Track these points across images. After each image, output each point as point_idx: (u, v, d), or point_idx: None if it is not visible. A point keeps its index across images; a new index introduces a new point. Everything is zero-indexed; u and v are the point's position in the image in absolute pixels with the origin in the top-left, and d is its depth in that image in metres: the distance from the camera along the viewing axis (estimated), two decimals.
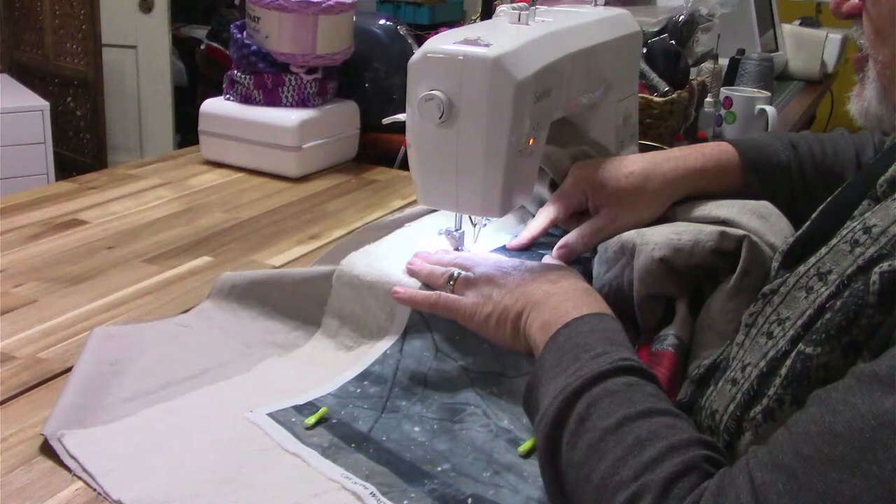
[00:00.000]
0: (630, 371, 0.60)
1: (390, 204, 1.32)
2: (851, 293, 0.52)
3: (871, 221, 0.56)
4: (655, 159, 0.90)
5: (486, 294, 0.75)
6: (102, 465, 0.65)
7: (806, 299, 0.57)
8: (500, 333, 0.74)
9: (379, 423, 0.73)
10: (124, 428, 0.70)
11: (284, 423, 0.72)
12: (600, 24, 0.96)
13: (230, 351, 0.83)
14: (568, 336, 0.66)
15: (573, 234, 0.87)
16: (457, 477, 0.66)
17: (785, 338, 0.57)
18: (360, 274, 0.84)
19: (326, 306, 0.86)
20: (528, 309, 0.72)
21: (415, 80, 0.76)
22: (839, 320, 0.52)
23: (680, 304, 0.77)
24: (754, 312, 0.63)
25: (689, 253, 0.75)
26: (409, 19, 3.51)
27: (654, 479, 0.51)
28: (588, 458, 0.56)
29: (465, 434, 0.71)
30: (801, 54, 2.62)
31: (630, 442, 0.54)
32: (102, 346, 0.81)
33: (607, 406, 0.57)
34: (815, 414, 0.47)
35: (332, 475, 0.66)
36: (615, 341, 0.64)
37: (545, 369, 0.65)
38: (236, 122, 1.44)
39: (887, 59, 0.59)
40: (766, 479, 0.47)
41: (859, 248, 0.55)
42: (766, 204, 0.83)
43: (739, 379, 0.59)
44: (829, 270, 0.56)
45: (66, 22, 3.15)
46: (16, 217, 1.18)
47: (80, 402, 0.72)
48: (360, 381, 0.77)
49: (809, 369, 0.53)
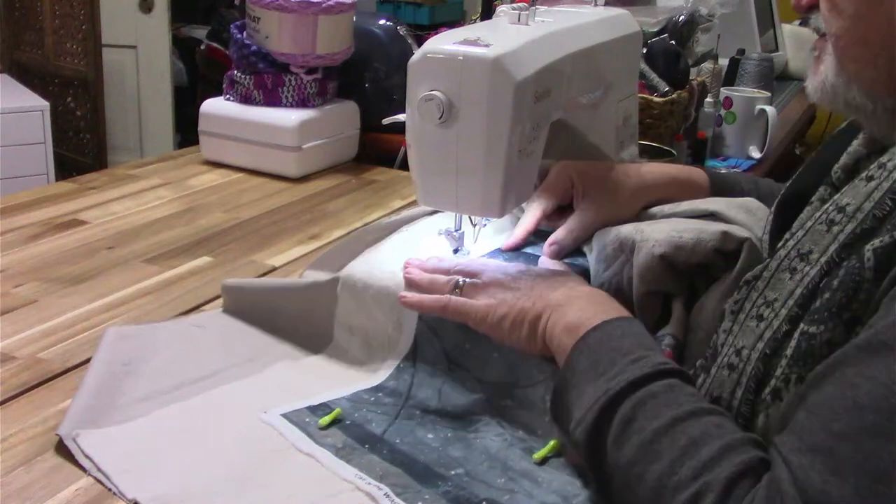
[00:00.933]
0: (670, 374, 0.61)
1: (390, 204, 1.32)
2: (848, 271, 0.54)
3: (843, 201, 0.59)
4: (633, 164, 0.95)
5: (498, 297, 0.75)
6: (117, 464, 0.66)
7: (791, 279, 0.59)
8: (514, 335, 0.73)
9: (393, 426, 0.73)
10: (138, 428, 0.71)
11: (298, 423, 0.72)
12: (600, 24, 0.96)
13: (243, 352, 0.84)
14: (600, 339, 0.66)
15: (561, 230, 0.88)
16: (470, 481, 0.66)
17: (778, 318, 0.58)
18: (361, 286, 0.83)
19: (335, 318, 0.85)
20: (549, 311, 0.71)
21: (415, 81, 0.76)
22: (839, 298, 0.54)
23: (676, 303, 0.77)
24: (739, 300, 0.64)
25: (690, 251, 0.75)
26: (409, 19, 3.51)
27: (715, 479, 0.52)
28: (639, 458, 0.57)
29: (479, 442, 0.71)
30: (801, 54, 2.62)
31: (684, 442, 0.55)
32: (116, 346, 0.82)
33: (654, 408, 0.59)
34: (835, 392, 0.49)
35: (346, 476, 0.66)
36: (648, 345, 0.65)
37: (577, 372, 0.65)
38: (236, 122, 1.44)
39: (841, 29, 0.60)
40: (803, 462, 0.48)
41: (836, 226, 0.58)
42: (751, 200, 0.85)
43: (737, 363, 0.60)
44: (810, 251, 0.59)
45: (66, 22, 3.15)
46: (16, 217, 1.18)
47: (94, 402, 0.73)
48: (375, 392, 0.77)
49: (814, 347, 0.54)
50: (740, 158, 1.72)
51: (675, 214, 0.85)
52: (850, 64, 0.61)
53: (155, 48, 3.38)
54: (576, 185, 0.90)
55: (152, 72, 3.41)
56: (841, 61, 0.61)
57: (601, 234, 0.85)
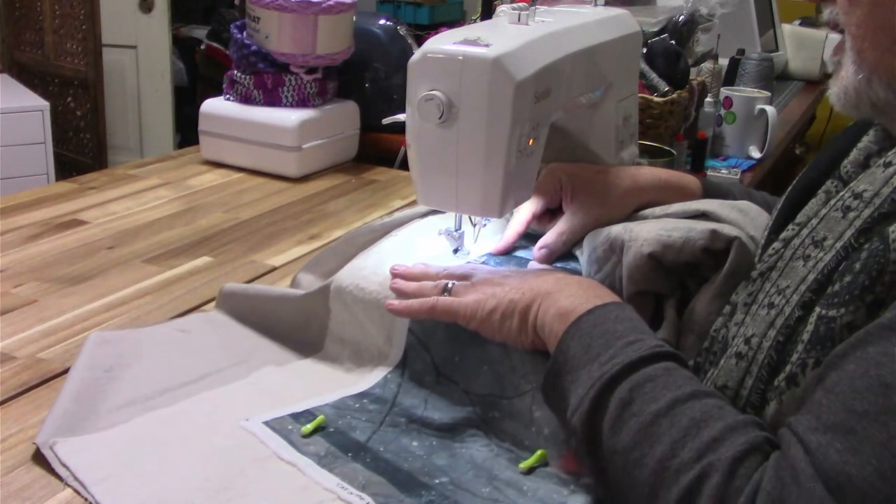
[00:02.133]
0: (667, 357, 0.61)
1: (390, 204, 1.32)
2: (871, 254, 0.53)
3: (859, 188, 0.58)
4: (624, 166, 0.95)
5: (487, 292, 0.73)
6: (95, 473, 0.64)
7: (804, 266, 0.59)
8: (504, 328, 0.71)
9: (377, 434, 0.71)
10: (118, 435, 0.69)
11: (281, 431, 0.71)
12: (600, 24, 0.96)
13: (228, 358, 0.82)
14: (593, 323, 0.65)
15: (551, 233, 0.87)
16: (455, 490, 0.65)
17: (790, 304, 0.58)
18: (351, 299, 0.81)
19: (328, 330, 0.84)
20: (539, 299, 0.70)
21: (415, 80, 0.76)
22: (862, 280, 0.53)
23: (668, 306, 0.76)
24: (753, 291, 0.64)
25: (678, 250, 0.74)
26: (409, 19, 3.52)
27: (719, 459, 0.51)
28: (638, 441, 0.56)
29: (464, 451, 0.70)
30: (801, 54, 2.62)
31: (685, 423, 0.54)
32: (98, 351, 0.80)
33: (651, 390, 0.57)
34: (857, 371, 0.48)
35: (328, 485, 0.64)
36: (643, 329, 0.65)
37: (570, 356, 0.64)
38: (236, 122, 1.44)
39: (860, 18, 0.60)
40: (820, 440, 0.48)
41: (852, 212, 0.57)
42: (745, 202, 0.85)
43: (745, 351, 0.60)
44: (824, 237, 0.58)
45: (66, 22, 3.15)
46: (16, 217, 1.18)
47: (73, 409, 0.71)
48: (360, 398, 0.76)
49: (833, 331, 0.54)
50: (740, 158, 1.72)
51: (667, 215, 0.85)
52: (869, 53, 0.60)
53: (155, 48, 3.38)
54: (565, 188, 0.90)
55: (152, 72, 3.41)
56: (860, 53, 0.61)
57: (592, 236, 0.85)
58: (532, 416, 0.71)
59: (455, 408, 0.75)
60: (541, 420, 0.70)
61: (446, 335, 0.77)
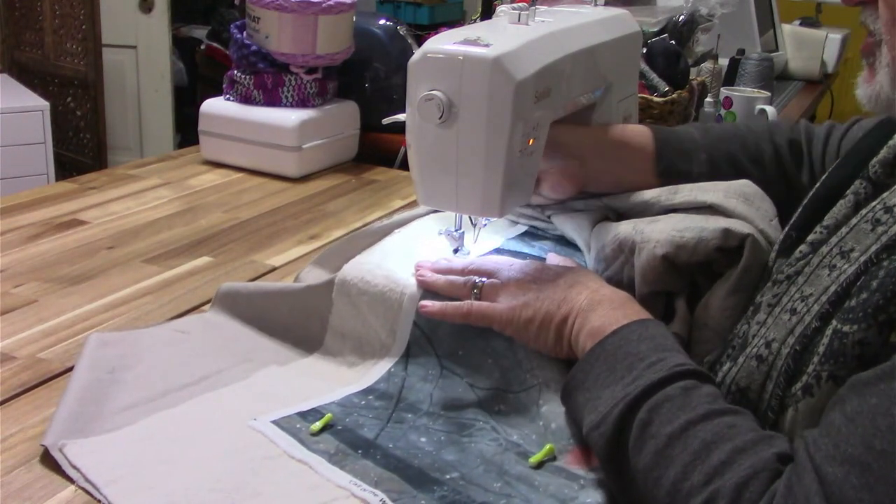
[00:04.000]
0: (686, 375, 0.62)
1: (390, 204, 1.32)
2: (888, 273, 0.53)
3: (892, 201, 0.59)
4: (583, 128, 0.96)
5: (520, 299, 0.74)
6: (105, 475, 0.64)
7: (829, 276, 0.59)
8: (541, 339, 0.73)
9: (385, 431, 0.72)
10: (125, 437, 0.69)
11: (289, 430, 0.71)
12: (600, 24, 0.96)
13: (229, 358, 0.82)
14: (617, 345, 0.66)
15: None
16: (466, 485, 0.65)
17: (810, 314, 0.59)
18: (356, 291, 0.82)
19: (329, 324, 0.84)
20: (574, 315, 0.71)
21: (415, 80, 0.76)
22: (877, 299, 0.53)
23: (679, 302, 0.77)
24: (778, 293, 0.64)
25: (692, 250, 0.75)
26: (409, 19, 3.51)
27: (724, 485, 0.53)
28: (656, 463, 0.57)
29: (473, 446, 0.70)
30: (801, 54, 2.62)
31: (696, 447, 0.56)
32: (99, 353, 0.80)
33: (668, 412, 0.59)
34: (880, 407, 0.48)
35: (341, 482, 0.65)
36: (666, 347, 0.65)
37: (593, 376, 0.66)
38: (236, 122, 1.44)
39: None
40: (837, 473, 0.48)
41: (881, 226, 0.58)
42: (747, 183, 0.84)
43: (766, 355, 0.61)
44: (852, 248, 0.59)
45: (66, 22, 3.15)
46: (16, 217, 1.18)
47: (79, 410, 0.71)
48: (365, 395, 0.76)
49: (846, 346, 0.54)
50: None
51: (672, 206, 0.84)
52: None
53: (155, 48, 3.38)
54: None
55: (152, 72, 3.41)
56: None
57: (599, 233, 0.85)
58: (539, 411, 0.72)
59: (460, 401, 0.75)
60: (548, 415, 0.71)
61: (450, 329, 0.77)
